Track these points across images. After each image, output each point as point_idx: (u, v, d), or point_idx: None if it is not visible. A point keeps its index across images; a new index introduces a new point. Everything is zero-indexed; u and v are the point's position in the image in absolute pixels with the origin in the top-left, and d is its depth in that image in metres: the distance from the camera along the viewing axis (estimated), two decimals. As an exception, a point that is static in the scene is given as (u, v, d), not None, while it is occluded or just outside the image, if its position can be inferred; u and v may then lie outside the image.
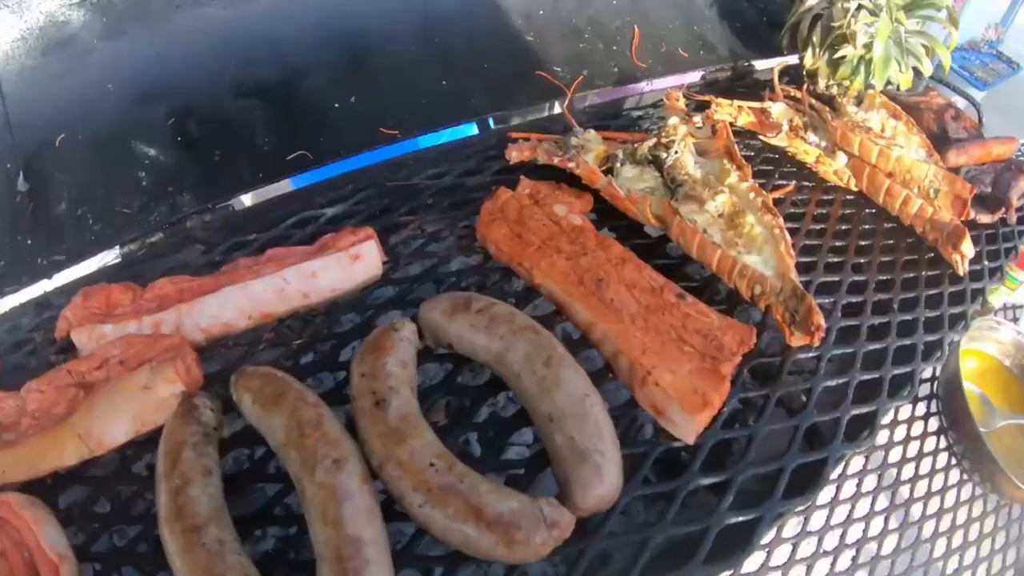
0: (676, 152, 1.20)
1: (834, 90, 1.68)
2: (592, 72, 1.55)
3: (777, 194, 1.25)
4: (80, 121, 1.33)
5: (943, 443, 1.35)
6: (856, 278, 1.23)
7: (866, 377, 1.05)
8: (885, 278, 1.25)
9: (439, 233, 1.23)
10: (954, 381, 1.31)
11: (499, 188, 1.20)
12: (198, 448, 0.86)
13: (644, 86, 1.62)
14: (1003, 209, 1.44)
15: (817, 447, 0.98)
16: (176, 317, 1.05)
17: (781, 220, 1.06)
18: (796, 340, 0.99)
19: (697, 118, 1.26)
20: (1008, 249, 1.43)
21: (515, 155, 1.32)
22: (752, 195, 1.10)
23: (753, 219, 1.08)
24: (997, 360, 1.53)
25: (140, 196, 1.32)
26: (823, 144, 1.48)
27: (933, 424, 1.38)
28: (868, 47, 1.55)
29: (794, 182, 1.33)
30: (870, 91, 1.51)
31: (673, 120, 1.30)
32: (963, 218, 1.32)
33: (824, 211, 1.38)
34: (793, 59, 1.72)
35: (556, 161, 1.23)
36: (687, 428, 0.89)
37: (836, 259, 1.26)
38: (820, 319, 0.95)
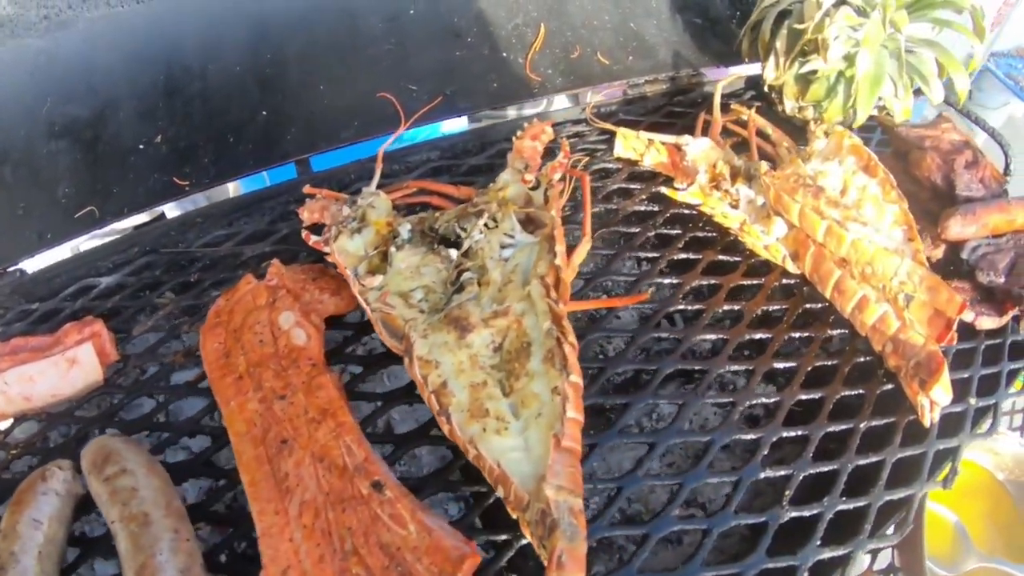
0: (480, 232, 0.75)
1: (809, 114, 1.11)
2: (461, 88, 1.09)
3: (615, 303, 0.77)
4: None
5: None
6: (746, 437, 0.74)
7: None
8: (795, 435, 0.76)
9: (181, 327, 0.87)
10: (915, 517, 0.83)
11: (246, 275, 0.81)
12: None
13: (534, 107, 1.14)
14: (1017, 310, 0.87)
15: None
16: (-80, 409, 0.87)
17: (575, 383, 0.59)
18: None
19: (531, 176, 0.79)
20: (1014, 373, 0.86)
21: (306, 216, 0.91)
22: (548, 326, 0.64)
23: (537, 368, 0.62)
24: (989, 474, 1.03)
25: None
26: (760, 203, 0.95)
27: (883, 559, 0.92)
28: (850, 60, 0.97)
29: (652, 288, 0.83)
30: (839, 129, 0.95)
31: (504, 176, 0.83)
32: (943, 344, 0.78)
33: (735, 308, 0.87)
34: (754, 70, 1.16)
35: (312, 242, 0.82)
36: None
37: (722, 399, 0.77)
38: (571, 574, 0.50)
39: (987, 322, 0.88)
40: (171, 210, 1.23)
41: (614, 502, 0.66)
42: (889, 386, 0.82)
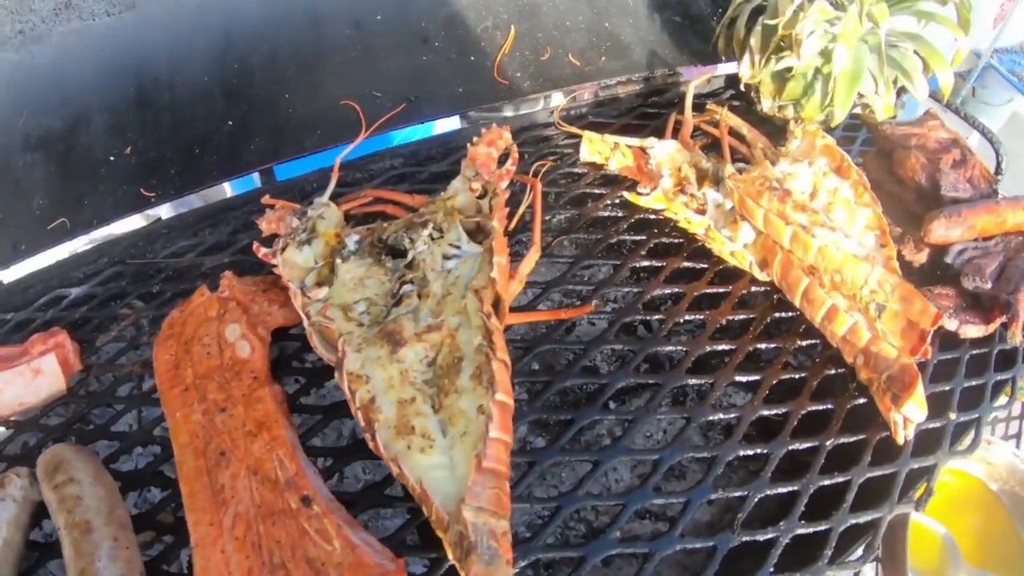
0: (425, 244, 0.73)
1: (788, 113, 1.06)
2: (428, 94, 1.07)
3: (559, 315, 0.73)
4: None
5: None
6: (699, 455, 0.70)
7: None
8: (753, 453, 0.71)
9: (141, 337, 0.87)
10: (898, 530, 0.78)
11: (200, 287, 0.80)
12: None
13: (503, 112, 1.11)
14: (1005, 317, 0.81)
15: None
16: None
17: (501, 402, 0.56)
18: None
19: (478, 184, 0.76)
20: (1000, 385, 0.80)
21: (265, 226, 0.90)
22: (480, 341, 0.61)
23: (465, 385, 0.60)
24: (982, 483, 0.98)
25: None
26: (728, 207, 0.90)
27: (867, 573, 0.87)
28: (826, 56, 0.92)
29: (595, 302, 0.79)
30: (811, 129, 0.90)
31: (455, 184, 0.80)
32: (917, 357, 0.73)
33: (698, 317, 0.83)
34: (733, 68, 1.11)
35: (261, 254, 0.80)
36: None
37: (674, 414, 0.73)
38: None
39: (972, 331, 0.82)
40: (150, 218, 1.24)
41: (552, 522, 0.63)
42: (861, 400, 0.77)
